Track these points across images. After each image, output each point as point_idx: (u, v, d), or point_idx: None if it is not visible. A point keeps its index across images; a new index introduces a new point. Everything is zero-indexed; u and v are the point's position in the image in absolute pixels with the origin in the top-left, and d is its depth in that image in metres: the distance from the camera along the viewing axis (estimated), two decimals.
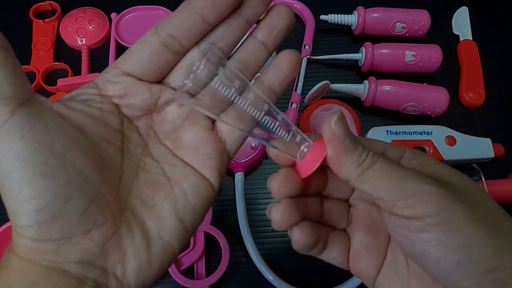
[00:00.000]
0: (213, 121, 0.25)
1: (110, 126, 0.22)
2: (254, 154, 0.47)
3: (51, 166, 0.19)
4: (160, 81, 0.24)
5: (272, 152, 0.24)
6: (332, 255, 0.25)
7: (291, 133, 0.23)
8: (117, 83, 0.23)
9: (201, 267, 0.43)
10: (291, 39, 0.56)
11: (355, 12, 0.55)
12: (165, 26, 0.22)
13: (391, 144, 0.24)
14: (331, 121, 0.21)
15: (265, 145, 0.24)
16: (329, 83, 0.49)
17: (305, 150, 0.23)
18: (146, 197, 0.22)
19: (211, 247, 0.44)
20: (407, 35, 0.56)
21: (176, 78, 0.24)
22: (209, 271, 0.43)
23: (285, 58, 0.23)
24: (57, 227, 0.19)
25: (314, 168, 0.22)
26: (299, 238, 0.23)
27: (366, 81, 0.51)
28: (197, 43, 0.23)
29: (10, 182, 0.19)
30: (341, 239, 0.25)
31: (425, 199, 0.20)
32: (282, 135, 0.23)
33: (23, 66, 0.53)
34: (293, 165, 0.24)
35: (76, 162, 0.20)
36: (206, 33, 0.23)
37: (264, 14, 0.23)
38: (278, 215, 0.23)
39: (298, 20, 0.60)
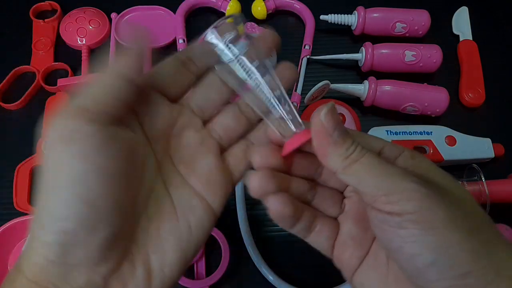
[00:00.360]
0: (222, 151, 0.25)
1: (140, 153, 0.23)
2: None
3: (95, 195, 0.19)
4: (178, 100, 0.25)
5: (270, 130, 0.24)
6: (319, 240, 0.25)
7: (290, 115, 0.24)
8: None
9: (201, 267, 0.43)
10: (291, 39, 0.57)
11: (355, 12, 0.55)
12: (185, 52, 0.26)
13: (391, 143, 0.24)
14: (321, 112, 0.21)
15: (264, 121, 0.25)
16: (329, 83, 0.49)
17: (297, 131, 0.23)
18: (153, 229, 0.22)
19: (211, 247, 0.44)
20: (407, 35, 0.56)
21: (192, 99, 0.25)
22: (209, 271, 0.43)
23: (286, 71, 0.27)
24: (75, 254, 0.19)
25: (289, 150, 0.23)
26: (273, 206, 0.23)
27: (366, 81, 0.51)
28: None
29: (53, 195, 0.19)
30: (330, 226, 0.25)
31: (408, 196, 0.20)
32: (283, 115, 0.23)
33: (23, 66, 0.54)
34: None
35: (116, 194, 0.20)
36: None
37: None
38: (255, 181, 0.23)
39: (298, 20, 0.60)
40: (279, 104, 0.24)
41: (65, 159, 0.19)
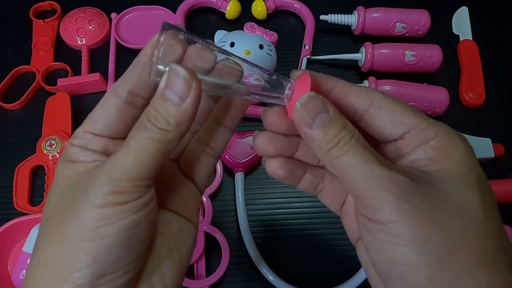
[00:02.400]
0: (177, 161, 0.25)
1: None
2: (254, 154, 0.47)
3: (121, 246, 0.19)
4: None
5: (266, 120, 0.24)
6: (325, 201, 0.26)
7: (274, 77, 0.23)
8: (96, 144, 0.21)
9: (201, 267, 0.43)
10: (291, 39, 0.57)
11: (355, 12, 0.55)
12: (122, 85, 0.21)
13: (427, 124, 0.21)
14: (297, 103, 0.21)
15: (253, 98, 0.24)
16: None
17: (289, 92, 0.22)
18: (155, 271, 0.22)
19: (211, 247, 0.44)
20: (407, 35, 0.56)
21: None
22: (209, 271, 0.43)
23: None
24: None
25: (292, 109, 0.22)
26: (268, 168, 0.24)
27: (366, 81, 0.51)
28: None
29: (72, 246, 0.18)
30: (336, 189, 0.25)
31: (378, 205, 0.19)
32: (266, 83, 0.23)
33: (23, 66, 0.54)
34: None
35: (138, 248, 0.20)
36: None
37: None
38: (258, 142, 0.24)
39: (298, 20, 0.60)
40: (264, 72, 0.23)
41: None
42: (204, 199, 0.45)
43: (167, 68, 0.19)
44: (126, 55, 0.55)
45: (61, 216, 0.19)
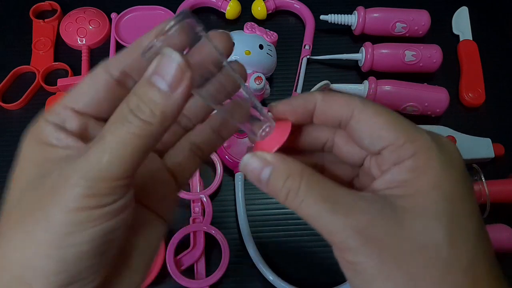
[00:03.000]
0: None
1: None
2: None
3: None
4: None
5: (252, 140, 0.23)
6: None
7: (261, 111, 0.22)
8: (75, 122, 0.19)
9: (201, 267, 0.43)
10: (291, 39, 0.57)
11: (355, 12, 0.55)
12: (116, 63, 0.20)
13: (410, 134, 0.20)
14: (243, 160, 0.21)
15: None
16: (329, 83, 0.49)
17: (265, 132, 0.22)
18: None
19: (211, 247, 0.44)
20: (407, 35, 0.55)
21: None
22: (209, 271, 0.43)
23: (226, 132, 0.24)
24: None
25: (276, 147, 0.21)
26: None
27: (366, 81, 0.51)
28: None
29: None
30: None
31: (345, 249, 0.19)
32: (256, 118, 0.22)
33: (23, 66, 0.54)
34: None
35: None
36: None
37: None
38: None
39: (298, 20, 0.60)
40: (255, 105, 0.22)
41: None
42: (204, 199, 0.45)
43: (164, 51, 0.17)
44: None
45: (25, 215, 0.17)
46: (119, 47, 0.56)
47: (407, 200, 0.19)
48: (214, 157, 0.47)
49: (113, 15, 0.57)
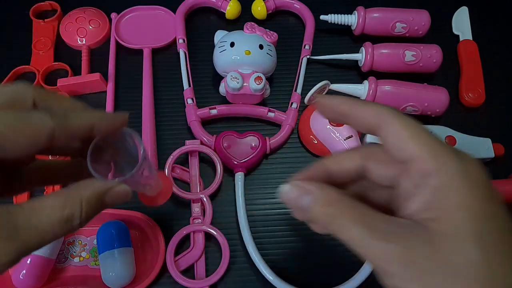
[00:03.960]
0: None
1: None
2: (254, 154, 0.47)
3: None
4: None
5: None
6: None
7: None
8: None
9: (201, 267, 0.43)
10: (291, 39, 0.57)
11: (355, 12, 0.55)
12: None
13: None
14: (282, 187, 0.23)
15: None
16: (329, 83, 0.49)
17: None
18: None
19: (211, 247, 0.44)
20: (407, 35, 0.56)
21: None
22: (209, 271, 0.43)
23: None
24: None
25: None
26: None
27: (366, 81, 0.51)
28: None
29: None
30: None
31: (383, 275, 0.20)
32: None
33: (23, 66, 0.54)
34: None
35: None
36: None
37: None
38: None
39: (298, 20, 0.60)
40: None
41: None
42: (204, 199, 0.45)
43: None
44: (126, 55, 0.55)
45: None
46: (119, 47, 0.56)
47: (438, 223, 0.20)
48: (214, 157, 0.47)
49: (113, 15, 0.57)
